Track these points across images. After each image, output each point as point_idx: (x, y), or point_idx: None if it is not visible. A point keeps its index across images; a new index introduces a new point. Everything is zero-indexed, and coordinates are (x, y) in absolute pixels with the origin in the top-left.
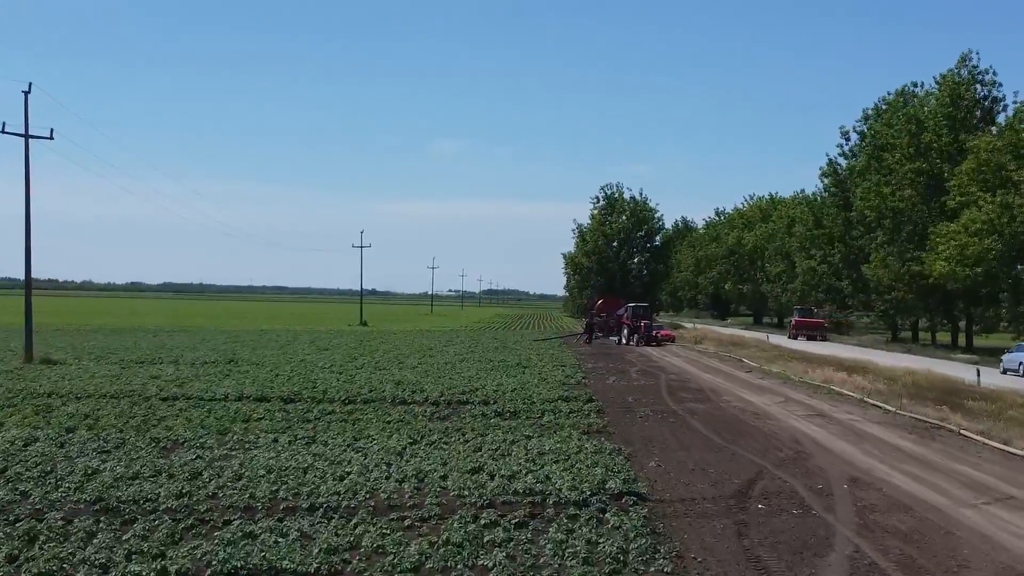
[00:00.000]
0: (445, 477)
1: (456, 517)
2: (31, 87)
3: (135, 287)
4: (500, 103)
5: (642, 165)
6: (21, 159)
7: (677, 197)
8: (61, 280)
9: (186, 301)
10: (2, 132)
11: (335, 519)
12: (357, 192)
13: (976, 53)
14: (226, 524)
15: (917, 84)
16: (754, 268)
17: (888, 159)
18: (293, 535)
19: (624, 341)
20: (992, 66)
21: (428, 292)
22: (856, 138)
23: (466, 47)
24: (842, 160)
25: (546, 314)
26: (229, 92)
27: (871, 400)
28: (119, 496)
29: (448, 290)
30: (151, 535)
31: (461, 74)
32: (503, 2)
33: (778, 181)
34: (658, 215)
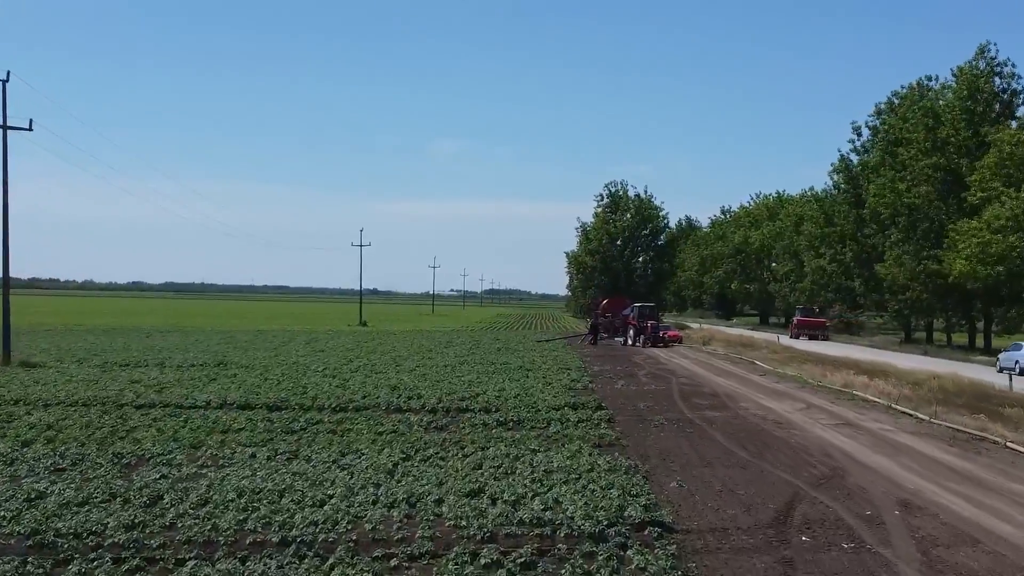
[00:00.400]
0: (440, 501)
1: (451, 555)
2: (9, 76)
3: (137, 287)
4: (501, 103)
5: (643, 165)
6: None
7: (679, 197)
8: (63, 280)
9: (186, 301)
10: None
11: (308, 558)
12: (358, 192)
13: (994, 45)
14: (178, 566)
15: (931, 78)
16: (761, 267)
17: (903, 154)
18: None
19: (630, 342)
20: (1010, 58)
21: (430, 292)
22: (868, 133)
23: (466, 47)
24: (854, 156)
25: (548, 314)
26: (229, 92)
27: (899, 407)
28: (59, 528)
29: (450, 290)
30: None
31: (462, 74)
32: (504, 2)
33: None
34: (663, 213)
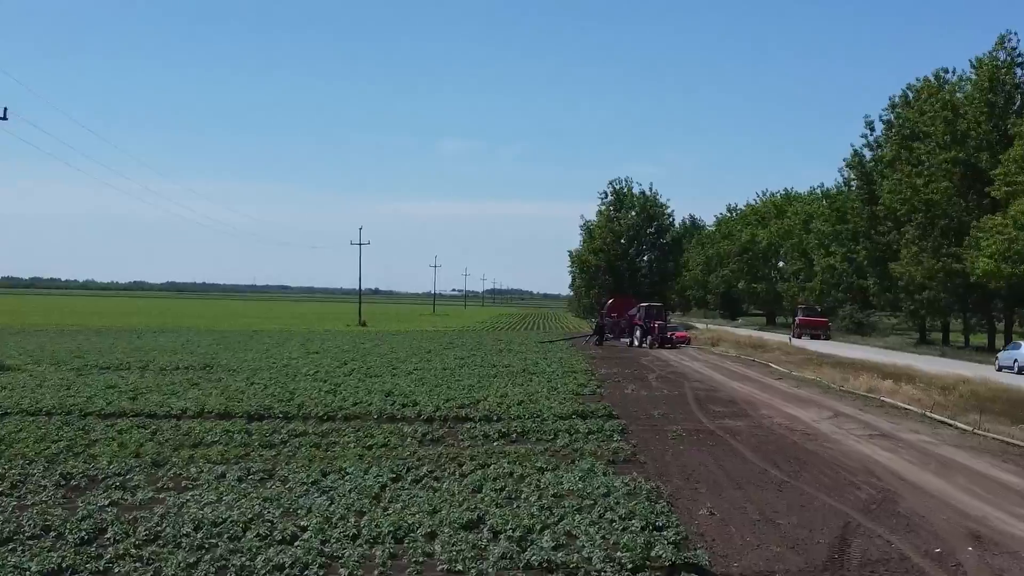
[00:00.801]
0: (433, 535)
1: None
2: None
3: (138, 287)
4: (505, 103)
5: (647, 166)
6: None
7: (682, 198)
8: (64, 279)
9: (185, 301)
10: None
11: None
12: (360, 192)
13: (1015, 34)
14: None
15: (947, 70)
16: (768, 266)
17: (920, 149)
18: None
19: (636, 343)
20: None
21: (432, 292)
22: (881, 128)
23: (471, 47)
24: (867, 151)
25: (551, 314)
26: (231, 92)
27: (935, 415)
28: None
29: (452, 289)
30: None
31: (467, 75)
32: (508, 2)
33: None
34: (669, 211)
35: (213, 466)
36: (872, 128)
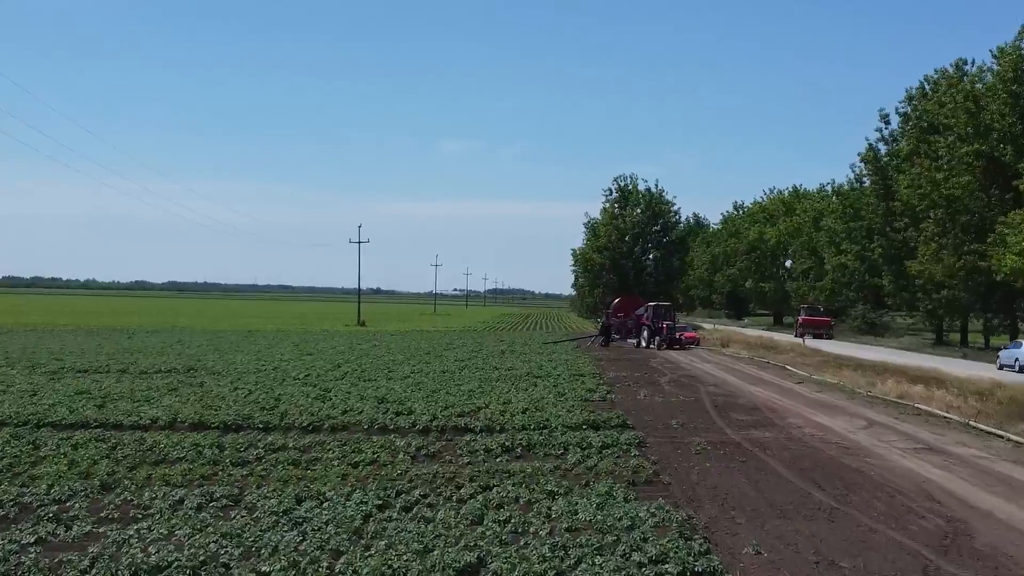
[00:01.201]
0: None
1: None
2: None
3: (139, 286)
4: (506, 103)
5: (649, 165)
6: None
7: (681, 198)
8: (65, 279)
9: (185, 301)
10: None
11: None
12: (362, 192)
13: None
14: None
15: (966, 61)
16: (776, 265)
17: (939, 142)
18: None
19: (644, 344)
20: None
21: (433, 291)
22: (898, 121)
23: (472, 47)
24: (881, 146)
25: (553, 313)
26: (231, 92)
27: (980, 425)
28: None
29: (453, 289)
30: None
31: (467, 75)
32: (509, 2)
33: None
34: (675, 208)
35: (172, 489)
36: (887, 122)
